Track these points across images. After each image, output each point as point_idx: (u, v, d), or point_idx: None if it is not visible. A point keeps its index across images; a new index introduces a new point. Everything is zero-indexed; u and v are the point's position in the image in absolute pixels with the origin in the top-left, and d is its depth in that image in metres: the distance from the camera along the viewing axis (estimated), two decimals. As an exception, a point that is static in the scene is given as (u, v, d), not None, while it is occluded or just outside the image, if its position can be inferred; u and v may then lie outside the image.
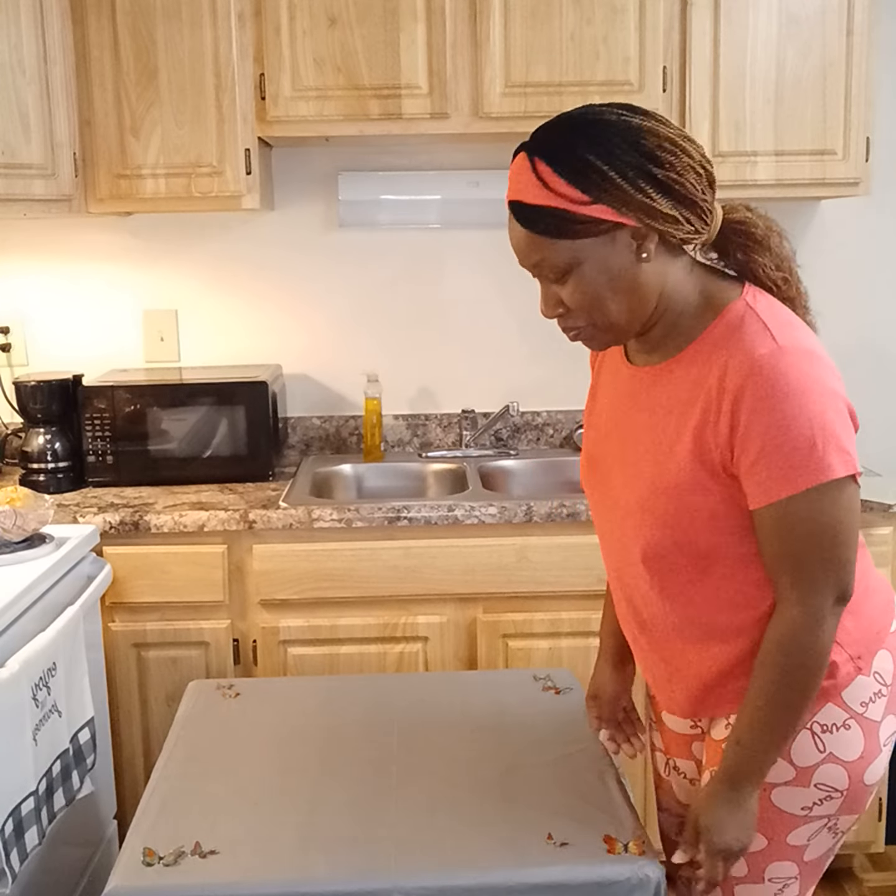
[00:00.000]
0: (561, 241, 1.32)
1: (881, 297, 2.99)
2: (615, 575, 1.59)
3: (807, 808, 1.46)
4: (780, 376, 1.29)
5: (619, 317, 1.38)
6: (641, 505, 1.45)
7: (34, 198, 2.38)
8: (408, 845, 1.52)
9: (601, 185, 1.30)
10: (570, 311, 1.40)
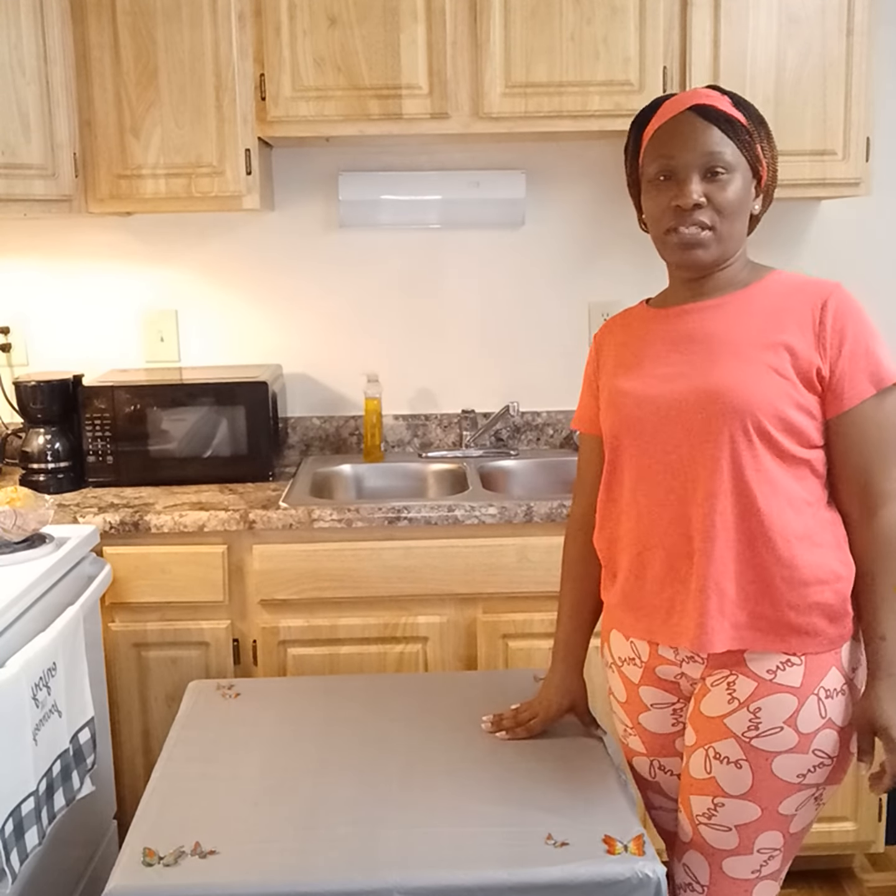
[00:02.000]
0: (735, 146, 1.55)
1: (881, 297, 2.99)
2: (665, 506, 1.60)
3: (802, 775, 1.53)
4: (857, 305, 1.60)
5: (732, 236, 1.58)
6: (738, 389, 1.52)
7: (34, 198, 2.38)
8: (408, 845, 1.52)
9: (767, 138, 1.60)
10: (708, 207, 1.54)
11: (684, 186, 1.54)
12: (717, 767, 1.56)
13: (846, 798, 2.50)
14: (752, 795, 1.54)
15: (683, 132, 1.55)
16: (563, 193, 2.91)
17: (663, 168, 1.56)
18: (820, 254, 2.97)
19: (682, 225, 1.55)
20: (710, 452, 1.54)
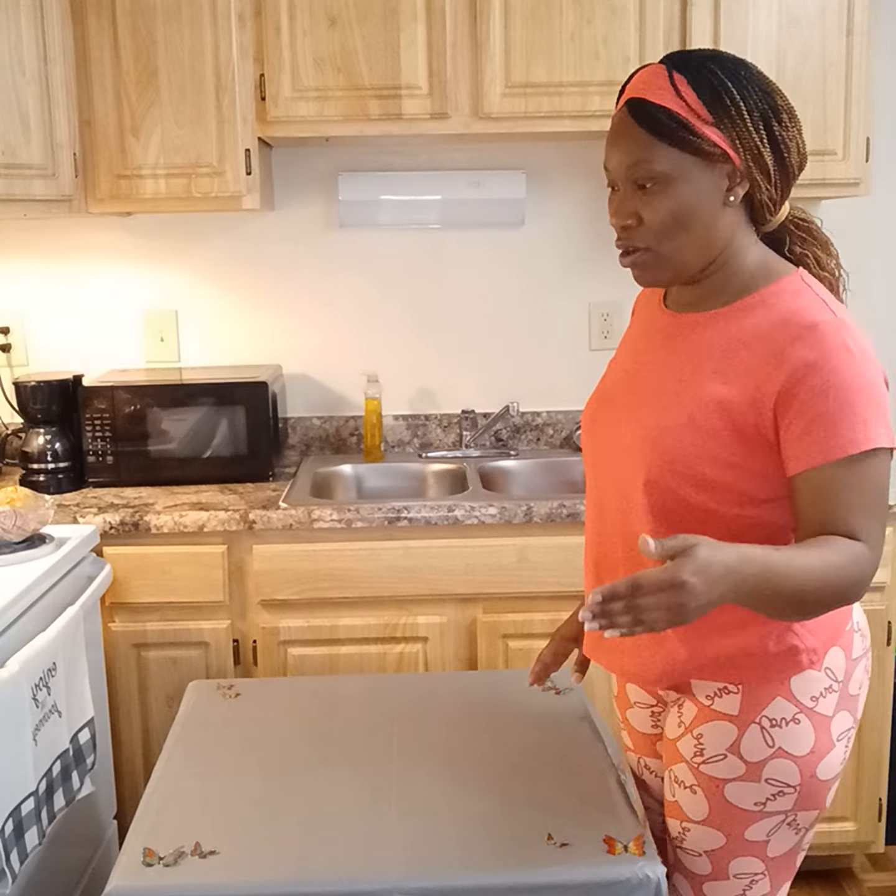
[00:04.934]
0: (669, 149, 1.35)
1: (881, 298, 2.99)
2: (600, 521, 1.56)
3: (760, 803, 1.46)
4: (841, 345, 1.31)
5: (683, 251, 1.39)
6: (650, 436, 1.43)
7: (34, 198, 2.38)
8: (408, 845, 1.52)
9: (727, 111, 1.35)
10: (641, 226, 1.39)
11: (615, 202, 1.41)
12: (678, 791, 1.54)
13: (846, 798, 2.50)
14: (712, 822, 1.49)
15: (613, 136, 1.40)
16: (563, 193, 2.91)
17: (608, 178, 1.43)
18: (820, 254, 2.97)
19: (619, 246, 1.42)
20: (625, 491, 1.48)
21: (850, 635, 1.52)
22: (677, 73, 1.36)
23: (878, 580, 2.41)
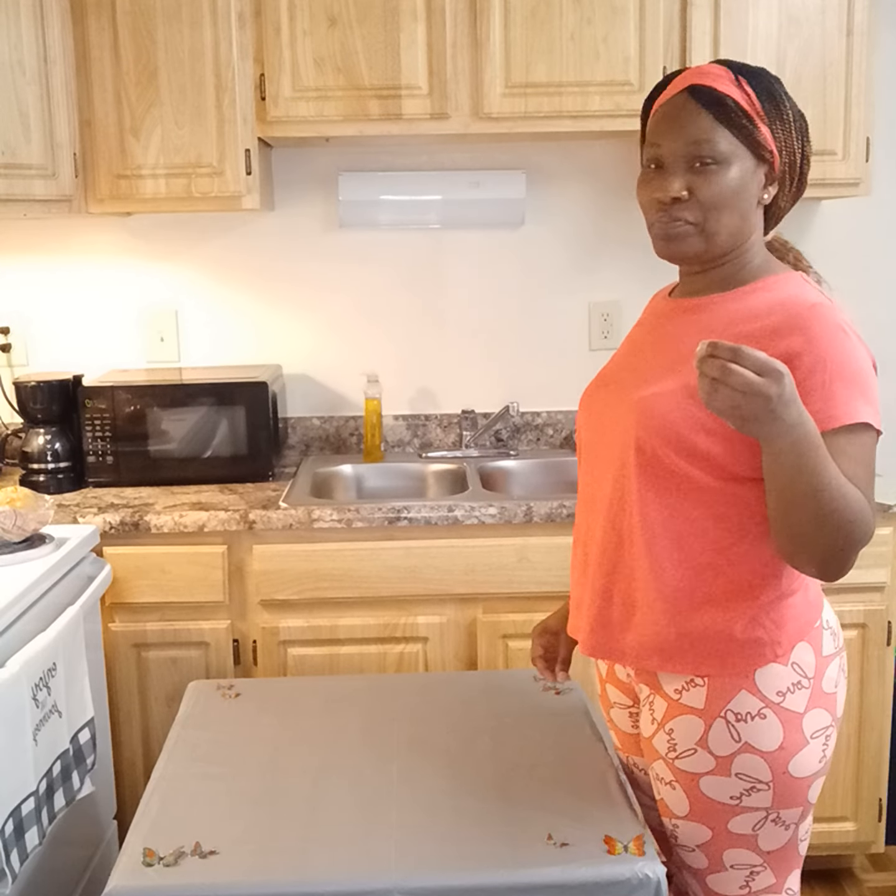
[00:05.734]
0: (730, 134, 1.43)
1: (882, 298, 2.99)
2: (588, 498, 1.59)
3: (735, 797, 1.48)
4: (838, 328, 1.38)
5: (723, 230, 1.46)
6: (642, 402, 1.46)
7: (34, 198, 2.38)
8: (408, 845, 1.52)
9: (780, 115, 1.48)
10: (690, 200, 1.44)
11: (666, 178, 1.46)
12: (661, 789, 1.55)
13: (846, 798, 2.50)
14: (695, 816, 1.51)
15: (673, 117, 1.46)
16: (563, 193, 2.91)
17: (652, 156, 1.49)
18: (820, 254, 2.96)
19: (661, 220, 1.47)
20: (612, 467, 1.51)
21: (818, 632, 1.53)
22: (741, 76, 1.47)
23: (878, 580, 2.42)
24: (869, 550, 2.42)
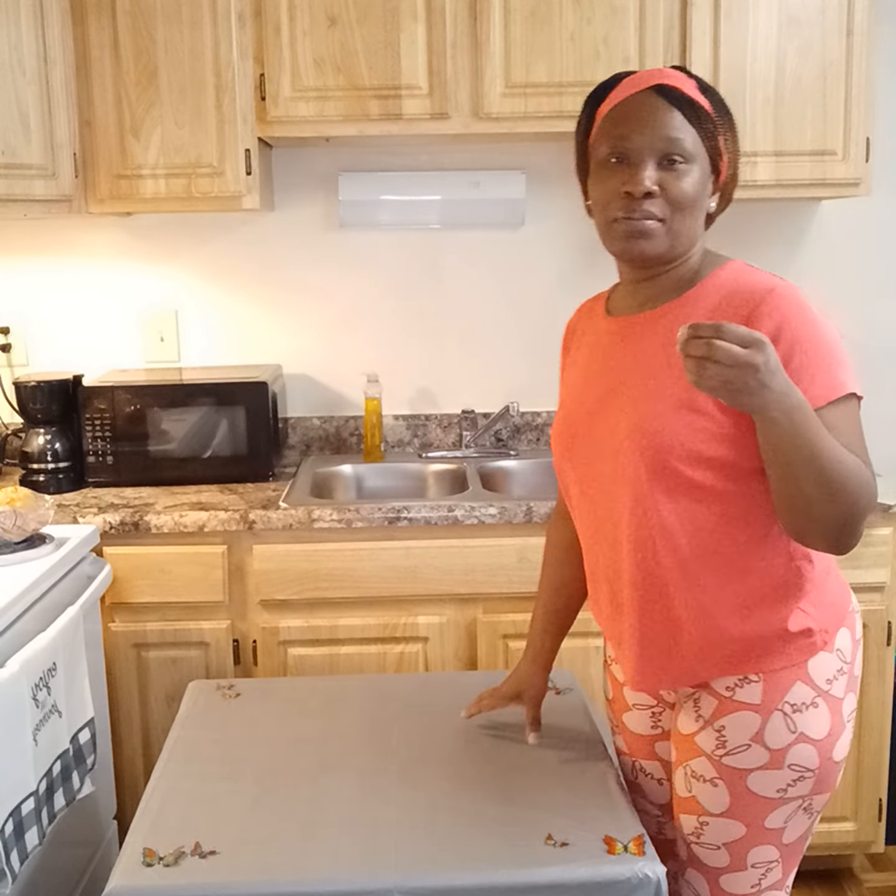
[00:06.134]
0: (697, 134, 1.43)
1: (882, 298, 2.99)
2: (601, 537, 1.57)
3: (782, 790, 1.49)
4: (801, 305, 1.39)
5: (684, 231, 1.45)
6: (642, 426, 1.44)
7: (34, 198, 2.38)
8: (408, 845, 1.52)
9: (730, 129, 1.48)
10: (661, 196, 1.43)
11: (637, 171, 1.42)
12: (696, 786, 1.54)
13: (846, 798, 2.50)
14: (733, 813, 1.51)
15: (642, 112, 1.44)
16: (563, 193, 2.91)
17: (616, 149, 1.45)
18: (820, 254, 2.97)
19: (630, 214, 1.43)
20: (623, 494, 1.48)
21: (853, 616, 1.55)
22: (697, 81, 1.48)
23: (877, 580, 2.43)
24: (869, 550, 2.44)
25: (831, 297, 2.97)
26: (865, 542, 2.39)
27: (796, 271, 2.96)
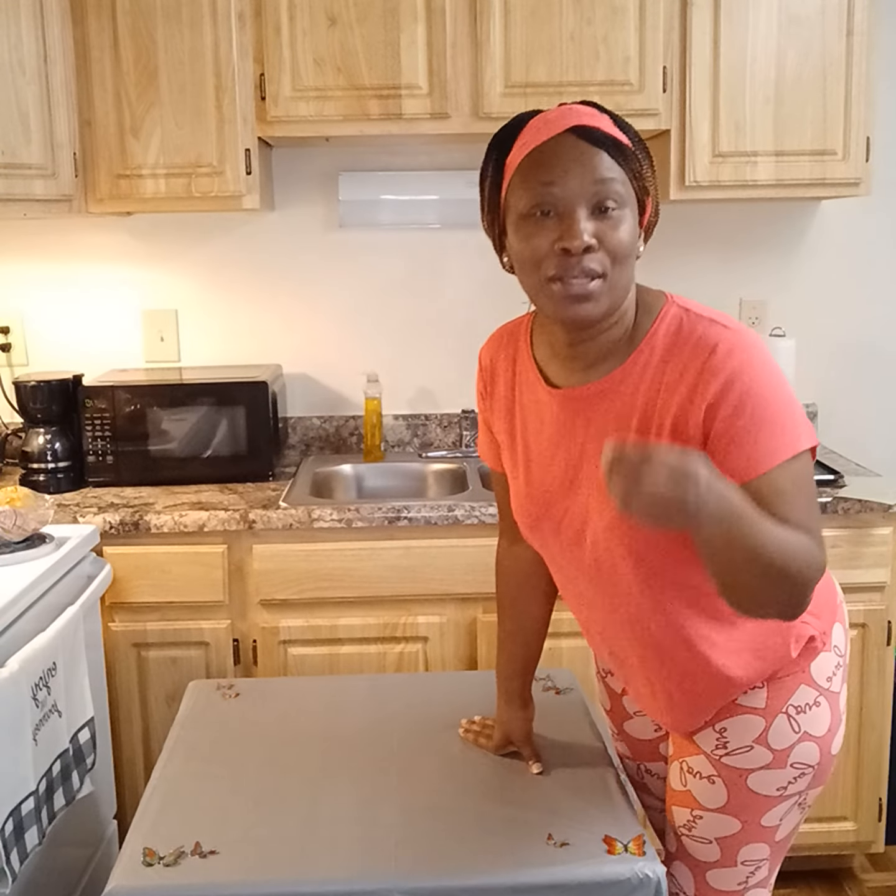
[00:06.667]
0: (626, 174, 1.31)
1: (882, 298, 2.99)
2: (589, 612, 1.55)
3: (782, 787, 1.49)
4: (746, 359, 1.30)
5: (622, 283, 1.34)
6: (613, 523, 1.38)
7: (34, 198, 2.38)
8: (408, 845, 1.52)
9: (650, 165, 1.36)
10: (599, 249, 1.30)
11: (571, 224, 1.28)
12: (692, 781, 1.54)
13: (846, 798, 2.50)
14: (730, 809, 1.50)
15: (565, 157, 1.30)
16: (563, 193, 2.91)
17: (541, 201, 1.30)
18: (820, 254, 2.97)
19: (568, 273, 1.30)
20: (605, 580, 1.45)
21: (841, 607, 1.57)
22: (611, 116, 1.35)
23: (877, 580, 2.42)
24: (869, 550, 2.44)
25: (831, 297, 2.98)
26: (865, 542, 2.39)
27: (796, 271, 2.97)
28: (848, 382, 3.03)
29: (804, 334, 2.91)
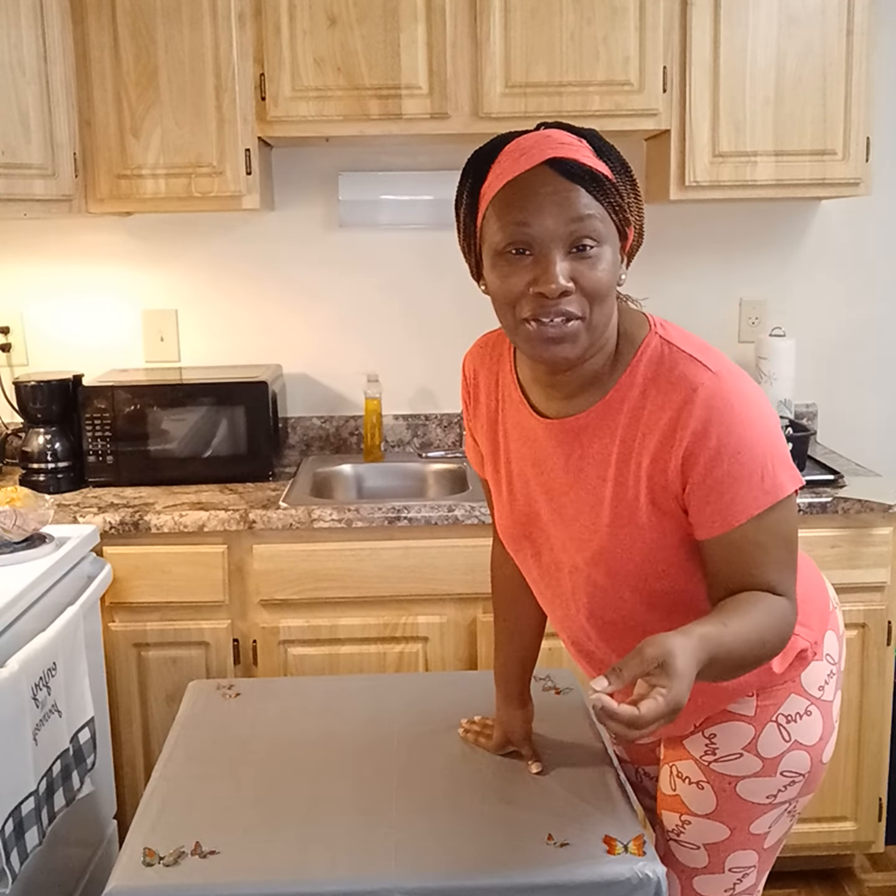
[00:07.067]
0: (605, 209, 1.27)
1: (881, 297, 2.99)
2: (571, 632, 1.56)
3: (772, 795, 1.49)
4: (726, 405, 1.27)
5: (602, 322, 1.30)
6: (594, 558, 1.39)
7: (34, 198, 2.38)
8: (408, 845, 1.52)
9: (633, 190, 1.32)
10: (577, 292, 1.26)
11: (547, 268, 1.24)
12: (681, 786, 1.54)
13: (846, 798, 2.50)
14: (719, 815, 1.50)
15: (540, 193, 1.25)
16: (563, 193, 2.91)
17: (515, 240, 1.26)
18: (820, 254, 2.97)
19: (542, 315, 1.26)
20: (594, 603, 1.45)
21: (834, 615, 1.55)
22: (590, 141, 1.30)
23: (877, 580, 2.42)
24: (869, 550, 2.44)
25: (831, 297, 2.98)
26: (865, 542, 2.39)
27: (796, 271, 2.97)
28: (848, 382, 3.03)
29: (804, 334, 2.91)
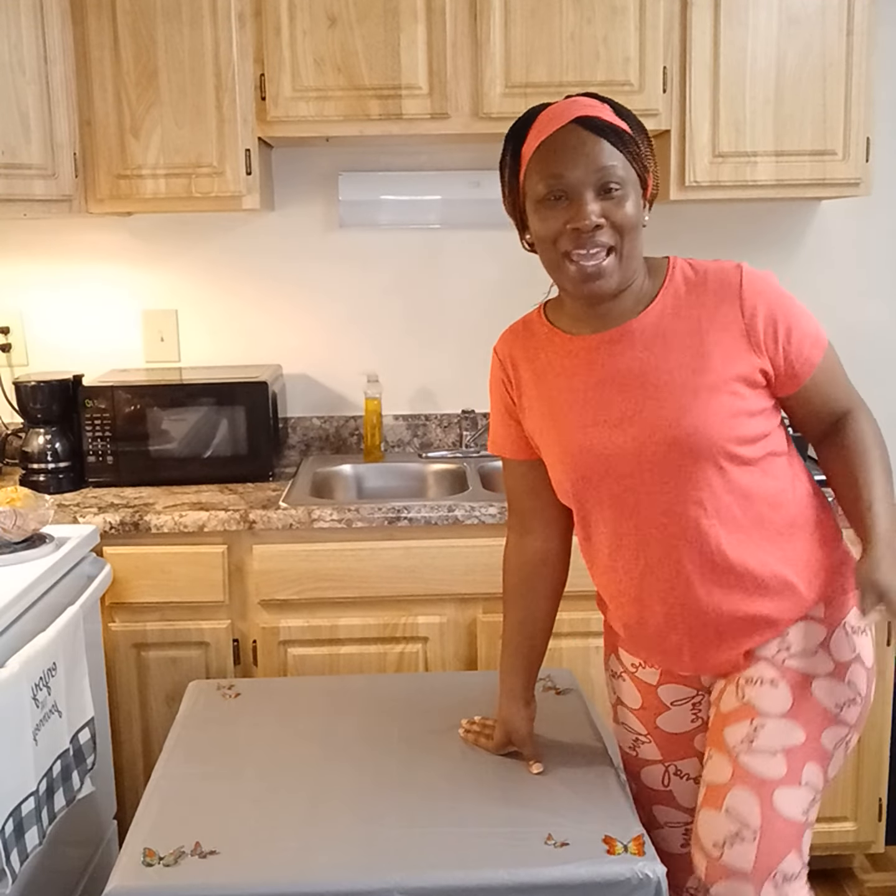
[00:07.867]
0: (625, 158, 1.48)
1: (881, 297, 2.99)
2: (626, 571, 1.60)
3: (839, 705, 1.53)
4: (755, 274, 1.54)
5: (633, 253, 1.51)
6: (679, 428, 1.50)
7: (34, 198, 2.38)
8: (408, 845, 1.52)
9: (648, 145, 1.53)
10: (607, 227, 1.47)
11: (580, 207, 1.46)
12: (751, 691, 1.53)
13: (846, 798, 2.50)
14: (795, 715, 1.50)
15: (571, 147, 1.47)
16: (563, 193, 2.91)
17: (553, 188, 1.48)
18: (820, 254, 2.97)
19: (581, 248, 1.48)
20: (686, 495, 1.52)
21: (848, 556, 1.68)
22: (610, 104, 1.52)
23: (878, 580, 2.41)
24: (869, 550, 2.43)
25: (831, 296, 2.98)
26: (865, 542, 2.39)
27: (796, 271, 2.96)
28: (848, 382, 3.03)
29: (804, 334, 2.91)
